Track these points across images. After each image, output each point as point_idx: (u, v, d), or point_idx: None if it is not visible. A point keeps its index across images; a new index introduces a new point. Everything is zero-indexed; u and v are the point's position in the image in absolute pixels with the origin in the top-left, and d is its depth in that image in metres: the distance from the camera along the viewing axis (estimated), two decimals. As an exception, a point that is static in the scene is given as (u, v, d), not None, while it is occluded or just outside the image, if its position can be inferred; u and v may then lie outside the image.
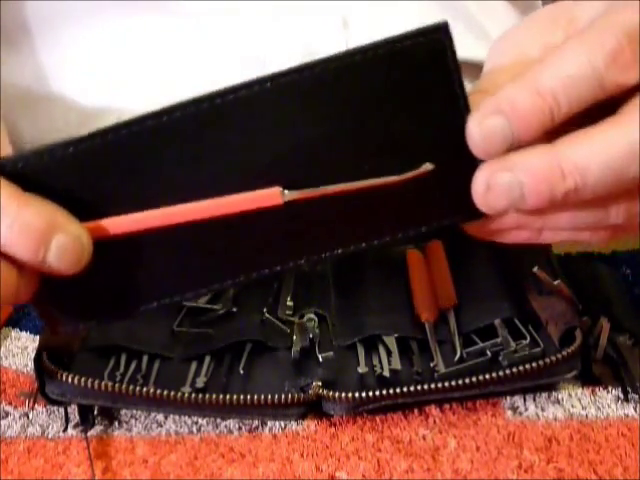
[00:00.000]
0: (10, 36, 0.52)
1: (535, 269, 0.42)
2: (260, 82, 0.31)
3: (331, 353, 0.40)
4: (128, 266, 0.33)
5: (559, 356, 0.38)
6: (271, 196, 0.32)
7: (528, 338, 0.40)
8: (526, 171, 0.31)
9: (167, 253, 0.33)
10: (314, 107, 0.32)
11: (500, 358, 0.39)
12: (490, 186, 0.32)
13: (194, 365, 0.41)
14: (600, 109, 0.32)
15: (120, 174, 0.32)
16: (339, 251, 0.34)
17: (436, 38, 0.32)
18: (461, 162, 0.32)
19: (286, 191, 0.32)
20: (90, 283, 0.33)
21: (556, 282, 0.42)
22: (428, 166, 0.33)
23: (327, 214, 0.33)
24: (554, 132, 0.32)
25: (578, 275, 0.45)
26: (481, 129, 0.31)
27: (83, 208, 0.32)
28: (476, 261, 0.45)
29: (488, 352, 0.40)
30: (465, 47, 0.53)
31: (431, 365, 0.40)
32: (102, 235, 0.32)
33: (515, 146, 0.31)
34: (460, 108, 0.32)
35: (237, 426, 0.39)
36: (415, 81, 0.32)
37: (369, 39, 0.51)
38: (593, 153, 0.31)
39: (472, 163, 0.32)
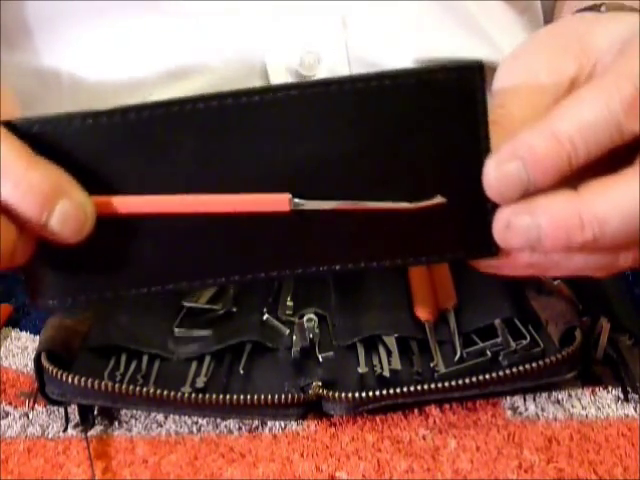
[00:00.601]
0: (10, 36, 0.52)
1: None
2: (287, 88, 0.32)
3: (331, 353, 0.40)
4: (125, 248, 0.33)
5: (559, 356, 0.38)
6: (280, 202, 0.32)
7: (528, 338, 0.40)
8: (546, 216, 0.31)
9: (165, 241, 0.33)
10: (336, 122, 0.32)
11: (500, 358, 0.39)
12: (510, 226, 0.32)
13: (194, 365, 0.41)
14: (615, 156, 0.32)
15: (134, 155, 0.32)
16: (337, 267, 0.34)
17: (468, 76, 0.32)
18: (474, 200, 0.33)
19: (296, 199, 0.32)
20: (85, 258, 0.33)
21: (556, 282, 0.42)
22: (440, 199, 0.33)
23: (331, 229, 0.33)
24: (571, 177, 0.32)
25: (578, 275, 0.45)
26: (498, 173, 0.32)
27: (92, 182, 0.32)
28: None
29: (488, 352, 0.40)
30: (465, 47, 0.53)
31: (431, 365, 0.40)
32: (107, 212, 0.32)
33: (531, 191, 0.31)
34: (481, 149, 0.32)
35: (237, 426, 0.39)
36: (440, 114, 0.32)
37: (368, 39, 0.51)
38: (614, 205, 0.31)
39: (485, 203, 0.33)
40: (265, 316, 0.43)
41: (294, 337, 0.41)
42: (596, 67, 0.35)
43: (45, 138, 0.31)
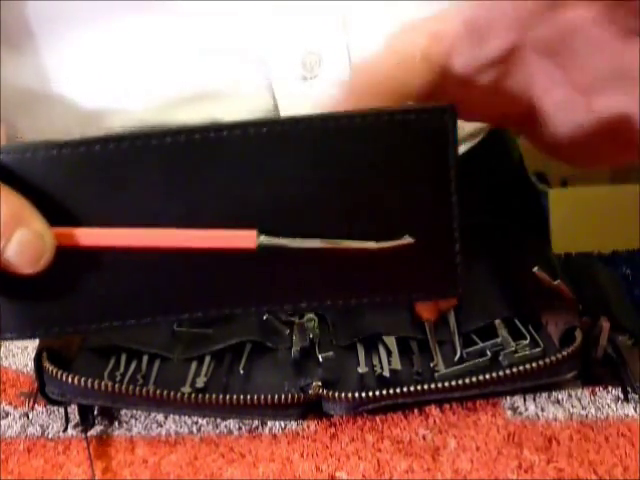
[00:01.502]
0: (11, 37, 0.51)
1: (535, 269, 0.42)
2: (256, 125, 0.31)
3: (331, 353, 0.40)
4: (87, 281, 0.33)
5: (559, 356, 0.38)
6: (246, 238, 0.32)
7: (528, 338, 0.40)
8: None
9: (127, 275, 0.33)
10: (305, 160, 0.32)
11: (500, 358, 0.39)
12: None
13: (194, 365, 0.41)
14: None
15: (98, 187, 0.32)
16: (303, 305, 0.34)
17: (441, 118, 0.32)
18: (441, 242, 0.33)
19: (262, 236, 0.32)
20: (45, 291, 0.32)
21: (556, 282, 0.42)
22: (408, 239, 0.33)
23: (297, 267, 0.33)
24: None
25: (578, 275, 0.45)
26: None
27: (55, 212, 0.31)
28: (476, 261, 0.45)
29: (488, 352, 0.40)
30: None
31: (431, 365, 0.40)
32: (68, 243, 0.32)
33: None
34: (450, 191, 0.32)
35: (237, 426, 0.39)
36: (411, 154, 0.32)
37: (369, 40, 0.51)
38: None
39: (453, 244, 0.33)
40: (265, 316, 0.43)
41: (294, 337, 0.41)
42: None
43: (9, 166, 0.31)
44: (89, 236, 0.32)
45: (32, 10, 0.50)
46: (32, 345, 0.45)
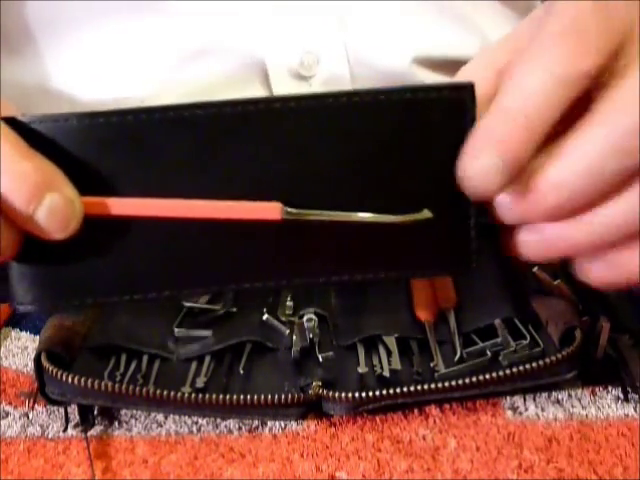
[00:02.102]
0: (11, 38, 0.52)
1: (535, 269, 0.42)
2: (284, 100, 0.32)
3: (331, 353, 0.40)
4: (110, 253, 0.33)
5: (559, 356, 0.38)
6: (271, 210, 0.33)
7: (528, 338, 0.40)
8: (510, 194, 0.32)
9: (152, 248, 0.33)
10: (329, 135, 0.33)
11: (500, 358, 0.39)
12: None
13: (194, 365, 0.41)
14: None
15: (128, 157, 0.32)
16: (321, 279, 0.35)
17: (459, 95, 0.32)
18: (458, 217, 0.34)
19: (287, 208, 0.33)
20: (68, 262, 0.33)
21: (556, 282, 0.42)
22: (427, 213, 0.33)
23: (317, 242, 0.34)
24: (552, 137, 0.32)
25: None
26: (471, 172, 0.32)
27: (84, 181, 0.32)
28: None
29: (488, 352, 0.40)
30: (463, 47, 0.53)
31: (431, 365, 0.40)
32: (96, 212, 0.32)
33: (514, 172, 0.32)
34: None
35: (237, 426, 0.39)
36: (431, 130, 0.33)
37: (367, 39, 0.51)
38: (565, 167, 0.31)
39: (468, 220, 0.34)
40: (265, 316, 0.43)
41: (294, 337, 0.41)
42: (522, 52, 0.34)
43: (42, 135, 0.32)
44: (117, 206, 0.32)
45: (31, 12, 0.50)
46: (32, 345, 0.45)
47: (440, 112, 0.33)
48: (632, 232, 0.32)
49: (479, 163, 0.32)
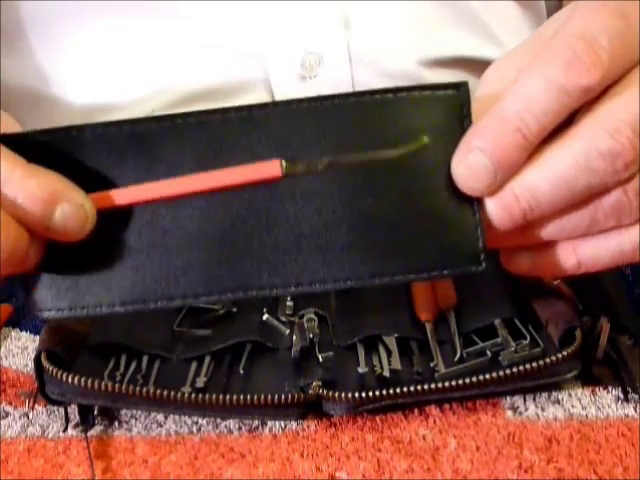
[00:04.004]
0: (9, 36, 0.51)
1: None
2: (285, 103, 0.34)
3: (331, 353, 0.40)
4: (126, 263, 0.34)
5: (559, 356, 0.38)
6: (271, 167, 0.33)
7: (528, 338, 0.40)
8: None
9: (159, 259, 0.34)
10: (330, 135, 0.33)
11: (500, 358, 0.39)
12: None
13: (194, 365, 0.41)
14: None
15: (138, 165, 0.34)
16: (328, 286, 0.35)
17: (454, 93, 0.34)
18: (461, 212, 0.34)
19: (286, 163, 0.33)
20: (83, 272, 0.35)
21: (556, 282, 0.42)
22: (425, 139, 0.34)
23: (321, 243, 0.34)
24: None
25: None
26: (461, 168, 0.33)
27: (94, 188, 0.33)
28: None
29: (488, 352, 0.40)
30: (468, 45, 0.53)
31: (431, 365, 0.40)
32: (105, 205, 0.33)
33: (504, 172, 0.32)
34: None
35: (237, 426, 0.39)
36: (429, 127, 0.34)
37: (371, 39, 0.51)
38: (541, 174, 0.32)
39: (473, 214, 0.34)
40: (265, 316, 0.43)
41: (294, 337, 0.41)
42: None
43: (49, 146, 0.33)
44: (124, 194, 0.34)
45: (28, 10, 0.50)
46: (32, 345, 0.45)
47: (435, 110, 0.33)
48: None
49: (469, 160, 0.32)
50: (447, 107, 0.33)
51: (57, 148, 0.33)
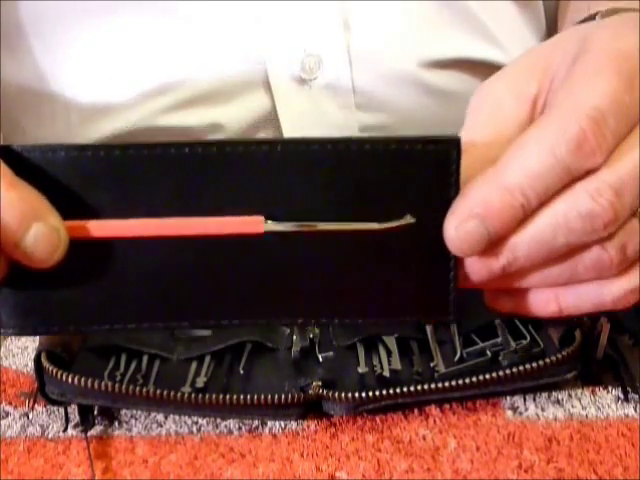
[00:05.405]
0: (8, 37, 0.52)
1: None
2: (271, 143, 0.33)
3: (331, 353, 0.40)
4: (92, 282, 0.34)
5: (559, 356, 0.38)
6: (253, 224, 0.33)
7: (528, 338, 0.40)
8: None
9: (132, 280, 0.34)
10: (315, 181, 0.33)
11: (500, 358, 0.39)
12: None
13: (194, 365, 0.41)
14: None
15: (113, 190, 0.33)
16: (299, 321, 0.35)
17: (446, 149, 0.33)
18: (439, 266, 0.34)
19: (269, 221, 0.33)
20: (51, 289, 0.33)
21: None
22: (410, 219, 0.33)
23: (300, 281, 0.34)
24: None
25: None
26: (458, 233, 0.32)
27: (69, 211, 0.32)
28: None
29: (488, 352, 0.40)
30: (467, 47, 0.53)
31: (431, 365, 0.40)
32: (79, 235, 0.32)
33: (498, 238, 0.33)
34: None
35: (237, 426, 0.39)
36: (415, 181, 0.33)
37: (371, 41, 0.51)
38: (521, 233, 0.32)
39: (449, 270, 0.34)
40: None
41: (294, 337, 0.41)
42: (553, 84, 0.35)
43: (30, 164, 0.32)
44: (100, 227, 0.33)
45: (27, 10, 0.50)
46: (32, 345, 0.45)
47: (424, 165, 0.33)
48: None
49: (468, 226, 0.32)
50: (436, 163, 0.33)
51: (34, 167, 0.32)
